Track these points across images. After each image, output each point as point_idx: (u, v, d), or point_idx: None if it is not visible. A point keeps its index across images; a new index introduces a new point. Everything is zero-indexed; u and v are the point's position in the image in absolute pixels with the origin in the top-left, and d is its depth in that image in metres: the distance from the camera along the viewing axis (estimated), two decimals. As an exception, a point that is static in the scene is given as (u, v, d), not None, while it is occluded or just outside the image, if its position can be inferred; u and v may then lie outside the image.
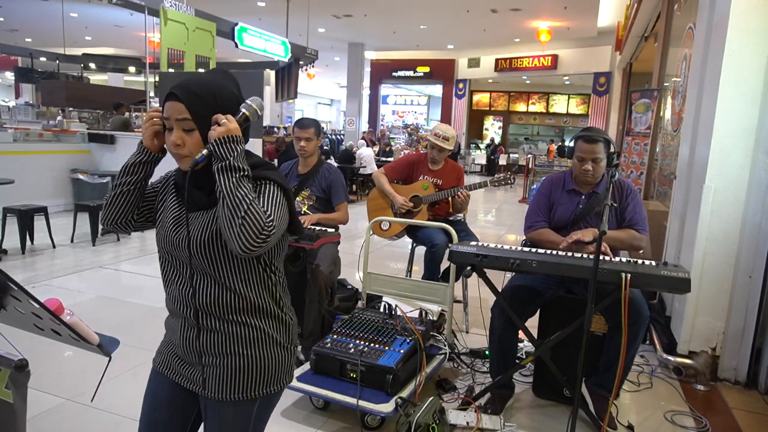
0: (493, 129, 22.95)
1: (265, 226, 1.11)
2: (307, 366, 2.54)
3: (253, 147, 1.29)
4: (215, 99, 1.21)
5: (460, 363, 2.97)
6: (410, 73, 20.17)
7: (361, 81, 18.02)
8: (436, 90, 21.31)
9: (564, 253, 2.30)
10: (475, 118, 22.37)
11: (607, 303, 2.18)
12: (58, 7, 12.19)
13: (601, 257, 2.03)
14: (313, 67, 14.96)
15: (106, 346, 1.22)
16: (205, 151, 1.17)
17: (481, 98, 22.23)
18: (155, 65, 9.08)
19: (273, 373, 1.29)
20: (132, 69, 17.32)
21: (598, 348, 2.49)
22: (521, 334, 2.55)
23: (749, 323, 2.90)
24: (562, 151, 15.59)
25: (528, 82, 20.72)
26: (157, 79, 8.99)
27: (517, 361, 2.65)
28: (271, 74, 14.95)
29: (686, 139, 3.44)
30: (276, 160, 9.98)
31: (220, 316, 1.25)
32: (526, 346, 2.96)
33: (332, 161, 9.60)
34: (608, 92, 16.00)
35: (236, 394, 1.26)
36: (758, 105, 2.84)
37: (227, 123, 1.17)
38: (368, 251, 3.15)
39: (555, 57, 16.92)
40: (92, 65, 17.30)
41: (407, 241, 3.73)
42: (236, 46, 10.65)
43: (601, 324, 2.47)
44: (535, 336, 2.52)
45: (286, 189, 1.25)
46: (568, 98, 21.45)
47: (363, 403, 2.24)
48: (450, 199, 3.49)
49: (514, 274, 2.62)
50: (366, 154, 10.59)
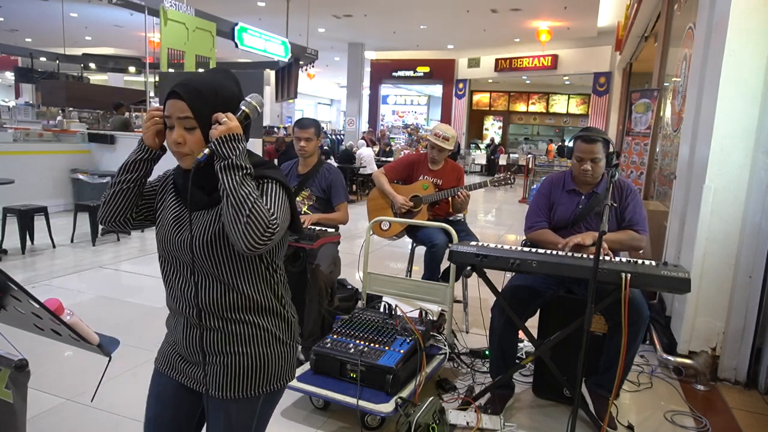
0: (493, 129, 22.95)
1: (270, 224, 1.12)
2: (307, 366, 2.54)
3: (253, 147, 1.29)
4: (217, 97, 1.21)
5: (460, 363, 2.97)
6: (410, 73, 20.17)
7: (361, 81, 18.01)
8: (436, 90, 21.31)
9: (564, 252, 2.30)
10: (475, 118, 22.37)
11: (607, 303, 2.18)
12: (58, 7, 12.19)
13: (601, 257, 2.03)
14: (313, 67, 14.96)
15: (106, 346, 1.22)
16: (206, 150, 1.17)
17: (481, 98, 22.23)
18: (155, 65, 9.08)
19: (276, 371, 1.30)
20: (132, 69, 17.32)
21: (598, 348, 2.49)
22: (521, 334, 2.55)
23: (749, 323, 2.90)
24: (561, 151, 15.61)
25: (528, 82, 20.71)
26: (157, 79, 8.99)
27: (517, 361, 2.65)
28: (271, 74, 14.95)
29: (686, 139, 3.44)
30: (276, 160, 9.97)
31: (222, 315, 1.25)
32: (526, 346, 2.96)
33: (332, 161, 9.61)
34: (608, 92, 16.00)
35: (240, 392, 1.26)
36: (758, 105, 2.84)
37: (228, 121, 1.17)
38: (368, 251, 3.15)
39: (555, 57, 16.91)
40: (92, 65, 17.30)
41: (407, 241, 3.73)
42: (236, 46, 10.66)
43: (601, 324, 2.47)
44: (535, 336, 2.52)
45: (288, 187, 1.26)
46: (568, 98, 21.45)
47: (363, 403, 2.24)
48: (450, 199, 3.49)
49: (514, 274, 2.62)
50: (366, 154, 10.59)
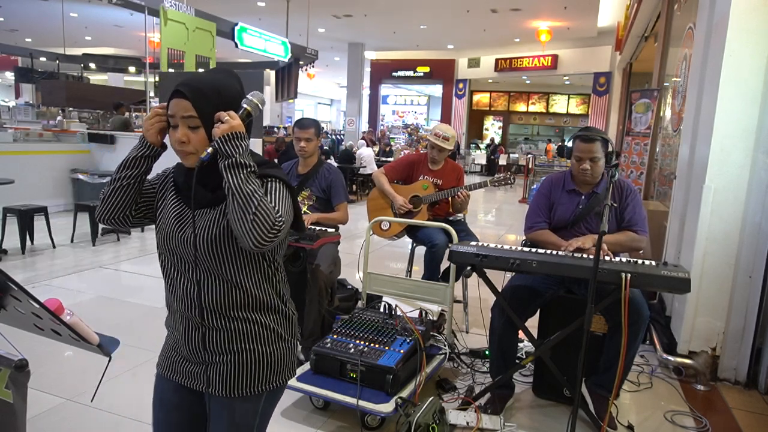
0: (493, 129, 22.96)
1: (276, 221, 1.13)
2: (307, 366, 2.54)
3: (253, 147, 1.29)
4: (220, 96, 1.21)
5: (460, 363, 2.97)
6: (410, 73, 20.17)
7: (361, 81, 18.01)
8: (436, 90, 21.31)
9: (564, 252, 2.30)
10: (475, 118, 22.37)
11: (607, 303, 2.18)
12: (58, 7, 12.19)
13: (601, 257, 2.03)
14: (313, 67, 14.96)
15: (106, 346, 1.22)
16: (210, 149, 1.17)
17: (481, 98, 22.24)
18: (155, 65, 9.09)
19: (278, 368, 1.31)
20: (132, 69, 17.32)
21: (598, 348, 2.49)
22: (521, 334, 2.55)
23: (749, 323, 2.90)
24: (561, 151, 15.61)
25: (528, 82, 20.72)
26: (157, 79, 8.99)
27: (517, 361, 2.65)
28: (271, 74, 14.95)
29: (686, 139, 3.44)
30: (276, 160, 9.97)
31: (225, 313, 1.25)
32: (526, 346, 2.96)
33: (332, 161, 9.61)
34: (608, 92, 16.00)
35: (243, 390, 1.27)
36: (758, 105, 2.84)
37: (230, 120, 1.17)
38: (368, 251, 3.15)
39: (555, 57, 16.91)
40: (92, 65, 17.30)
41: (407, 241, 3.73)
42: (236, 46, 10.66)
43: (601, 324, 2.47)
44: (535, 336, 2.52)
45: (290, 186, 1.26)
46: (568, 98, 21.45)
47: (363, 403, 2.24)
48: (450, 199, 3.49)
49: (514, 274, 2.62)
50: (366, 154, 10.59)
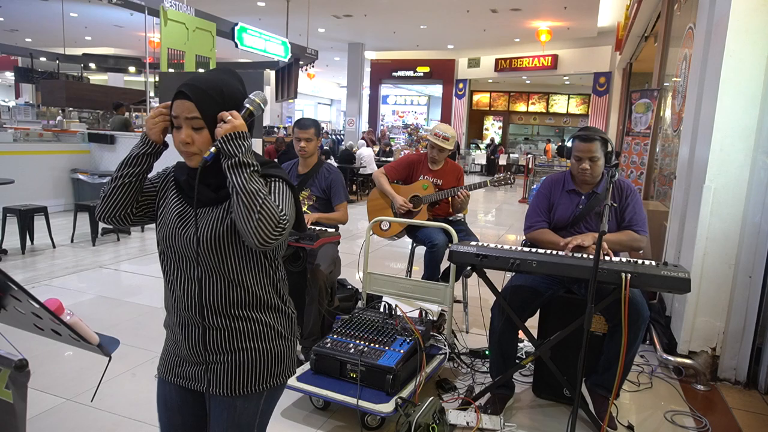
0: (493, 129, 22.95)
1: (280, 219, 1.14)
2: (307, 366, 2.54)
3: (253, 147, 1.29)
4: (223, 96, 1.22)
5: (460, 363, 2.97)
6: (410, 73, 20.17)
7: (361, 81, 18.01)
8: (436, 90, 21.30)
9: (564, 252, 2.30)
10: (475, 118, 22.37)
11: (607, 303, 2.18)
12: (58, 7, 12.20)
13: (601, 257, 2.03)
14: (313, 67, 14.97)
15: (106, 346, 1.22)
16: (213, 149, 1.18)
17: (481, 98, 22.23)
18: (155, 65, 9.09)
19: (278, 366, 1.31)
20: (132, 69, 17.31)
21: (598, 348, 2.49)
22: (521, 334, 2.55)
23: (749, 323, 2.90)
24: (561, 151, 15.60)
25: (528, 82, 20.71)
26: (157, 79, 8.98)
27: (517, 361, 2.65)
28: (271, 74, 14.96)
29: (686, 139, 3.44)
30: (276, 160, 9.96)
31: (226, 312, 1.25)
32: (526, 346, 2.96)
33: (332, 161, 9.61)
34: (608, 92, 16.01)
35: (243, 388, 1.27)
36: (758, 105, 2.84)
37: (232, 120, 1.18)
38: (368, 251, 3.15)
39: (555, 57, 16.91)
40: (92, 65, 17.29)
41: (407, 241, 3.73)
42: (236, 46, 10.66)
43: (601, 324, 2.47)
44: (535, 336, 2.52)
45: (292, 186, 1.27)
46: (568, 98, 21.45)
47: (363, 403, 2.24)
48: (450, 199, 3.50)
49: (514, 274, 2.62)
50: (366, 154, 10.59)
